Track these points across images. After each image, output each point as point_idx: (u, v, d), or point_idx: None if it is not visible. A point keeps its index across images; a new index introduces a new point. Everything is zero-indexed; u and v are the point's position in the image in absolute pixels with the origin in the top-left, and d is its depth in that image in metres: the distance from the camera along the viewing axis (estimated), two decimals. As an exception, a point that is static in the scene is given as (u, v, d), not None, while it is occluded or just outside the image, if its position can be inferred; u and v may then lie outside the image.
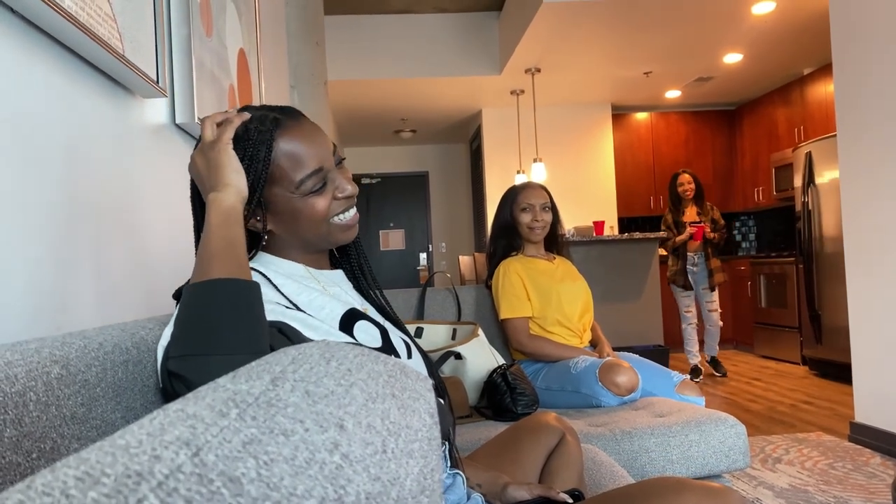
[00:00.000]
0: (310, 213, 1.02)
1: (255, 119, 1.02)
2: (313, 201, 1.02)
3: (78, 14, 1.03)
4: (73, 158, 1.08)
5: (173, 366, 0.77)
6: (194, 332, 0.77)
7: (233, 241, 0.87)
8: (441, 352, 2.31)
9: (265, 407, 0.37)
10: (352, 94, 6.50)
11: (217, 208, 0.90)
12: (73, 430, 0.64)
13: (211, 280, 0.81)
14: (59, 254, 1.01)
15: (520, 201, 2.55)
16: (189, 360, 0.76)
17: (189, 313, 0.79)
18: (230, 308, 0.79)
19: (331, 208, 1.04)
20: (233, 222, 0.89)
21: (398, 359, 0.55)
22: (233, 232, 0.88)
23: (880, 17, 2.95)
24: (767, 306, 6.01)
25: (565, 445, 1.27)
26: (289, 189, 1.01)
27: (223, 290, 0.80)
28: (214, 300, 0.79)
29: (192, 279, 0.84)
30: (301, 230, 1.04)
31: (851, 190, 3.21)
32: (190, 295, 0.81)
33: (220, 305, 0.79)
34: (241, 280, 0.82)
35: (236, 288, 0.81)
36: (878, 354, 3.09)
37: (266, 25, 2.66)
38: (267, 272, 1.03)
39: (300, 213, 1.02)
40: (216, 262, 0.83)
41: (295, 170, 1.00)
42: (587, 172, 7.26)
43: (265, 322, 0.83)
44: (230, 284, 0.81)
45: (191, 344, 0.77)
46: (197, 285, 0.81)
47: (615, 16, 4.78)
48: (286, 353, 0.49)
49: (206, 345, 0.76)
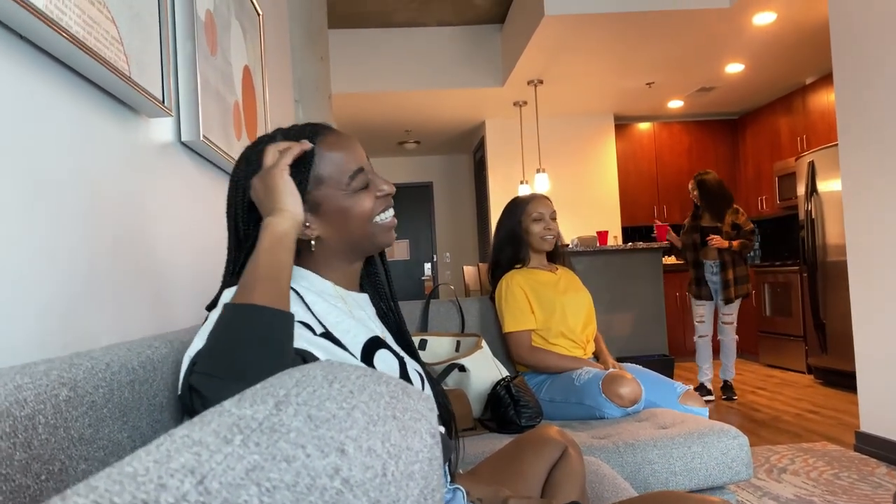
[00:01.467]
0: (358, 210, 1.07)
1: (294, 129, 1.09)
2: (361, 199, 1.07)
3: (85, 38, 1.05)
4: (80, 179, 1.09)
5: (196, 381, 0.79)
6: (222, 354, 0.79)
7: (280, 266, 0.90)
8: (445, 364, 2.32)
9: (268, 433, 0.38)
10: (356, 107, 6.53)
11: (270, 232, 0.92)
12: (80, 451, 0.65)
13: (250, 305, 0.82)
14: (67, 273, 1.02)
15: (530, 211, 2.55)
16: (211, 381, 0.78)
17: (222, 334, 0.81)
18: (261, 338, 0.81)
19: (374, 207, 1.08)
20: (282, 248, 0.91)
21: (401, 380, 0.56)
22: (281, 258, 0.90)
23: (880, 27, 2.96)
24: (772, 315, 6.00)
25: (567, 459, 1.28)
26: (338, 187, 1.06)
27: (259, 318, 0.82)
28: (248, 327, 0.81)
29: (235, 298, 0.85)
30: (350, 229, 1.08)
31: (854, 199, 3.22)
32: (227, 314, 0.83)
33: (252, 334, 0.80)
34: (278, 311, 0.83)
35: (271, 319, 0.82)
36: (883, 364, 3.08)
37: (270, 42, 2.69)
38: (299, 289, 1.04)
39: (349, 211, 1.06)
40: (259, 286, 0.85)
41: (341, 169, 1.05)
42: (590, 183, 7.28)
43: (291, 351, 0.85)
44: (267, 314, 0.82)
45: (217, 364, 0.79)
46: (237, 307, 0.83)
47: (617, 27, 4.80)
48: (291, 374, 0.50)
49: (230, 370, 0.78)
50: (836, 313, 4.91)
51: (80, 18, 1.04)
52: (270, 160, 1.00)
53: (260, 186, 0.99)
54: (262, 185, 0.98)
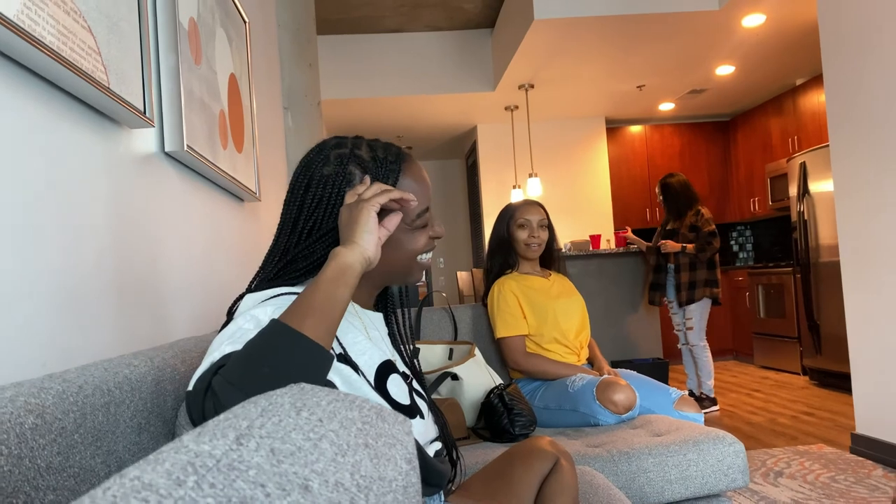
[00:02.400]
0: (411, 245, 1.09)
1: (379, 147, 1.09)
2: (418, 236, 1.09)
3: (60, 49, 1.03)
4: (59, 192, 1.07)
5: (218, 383, 0.76)
6: (253, 370, 0.77)
7: (337, 300, 0.87)
8: (438, 373, 2.30)
9: (225, 471, 0.36)
10: (347, 113, 6.52)
11: (336, 263, 0.90)
12: (48, 481, 0.63)
13: (297, 332, 0.80)
14: (47, 289, 1.00)
15: (517, 218, 2.55)
16: (235, 393, 0.75)
17: (261, 350, 0.79)
18: (298, 370, 0.78)
19: (423, 247, 1.11)
20: (343, 282, 0.89)
21: (376, 403, 0.54)
22: (340, 291, 0.88)
23: (869, 28, 2.96)
24: (766, 316, 6.00)
25: (559, 471, 1.25)
26: (404, 220, 1.06)
27: (303, 350, 0.79)
28: (287, 353, 0.79)
29: (286, 317, 0.83)
30: (395, 260, 1.09)
31: (846, 200, 3.21)
32: (272, 333, 0.80)
33: (291, 363, 0.78)
34: (321, 349, 0.81)
35: (315, 355, 0.80)
36: (878, 365, 3.07)
37: (257, 49, 2.66)
38: None
39: (402, 245, 1.08)
40: (311, 317, 0.83)
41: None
42: (583, 186, 7.27)
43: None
44: (312, 349, 0.80)
45: (246, 379, 0.76)
46: (285, 328, 0.80)
47: (607, 31, 4.80)
48: (257, 403, 0.48)
49: (255, 390, 0.75)
50: (830, 314, 4.90)
51: (54, 28, 1.02)
52: (369, 193, 0.99)
53: (346, 214, 0.98)
54: (349, 213, 0.97)
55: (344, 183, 1.04)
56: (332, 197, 1.04)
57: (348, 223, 0.96)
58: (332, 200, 1.04)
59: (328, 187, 1.04)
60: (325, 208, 1.04)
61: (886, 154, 2.92)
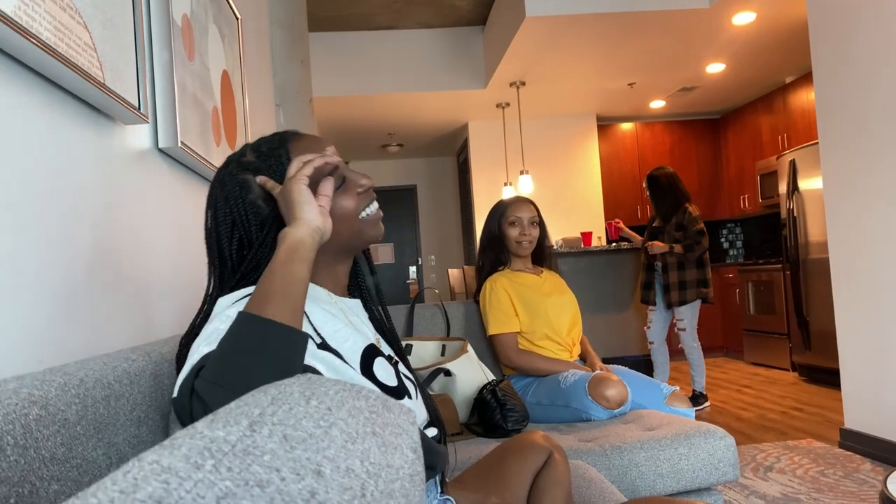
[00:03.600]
0: (342, 211, 1.05)
1: (262, 143, 1.08)
2: (342, 200, 1.06)
3: (57, 45, 1.03)
4: (53, 187, 1.07)
5: (201, 386, 0.76)
6: (231, 367, 0.77)
7: (295, 279, 0.87)
8: (430, 369, 2.31)
9: (241, 456, 0.37)
10: (338, 110, 6.51)
11: (285, 244, 0.90)
12: (52, 471, 0.63)
13: (264, 319, 0.80)
14: (41, 285, 1.00)
15: (508, 215, 2.56)
16: (217, 390, 0.75)
17: (233, 344, 0.79)
18: (273, 356, 0.78)
19: (358, 204, 1.07)
20: (298, 258, 0.89)
21: (381, 393, 0.55)
22: (296, 269, 0.87)
23: (858, 26, 2.98)
24: (756, 313, 6.04)
25: (552, 464, 1.27)
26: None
27: (273, 334, 0.79)
28: (261, 343, 0.79)
29: (248, 307, 0.83)
30: (337, 231, 1.05)
31: (835, 197, 3.24)
32: (240, 325, 0.80)
33: (264, 350, 0.78)
34: (292, 330, 0.81)
35: (285, 337, 0.80)
36: (866, 361, 3.10)
37: (250, 46, 2.66)
38: None
39: (333, 213, 1.04)
40: (272, 301, 0.82)
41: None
42: (574, 183, 7.30)
43: (300, 372, 0.83)
44: (280, 331, 0.80)
45: (225, 376, 0.76)
46: (251, 318, 0.80)
47: (598, 28, 4.82)
48: (267, 391, 0.48)
49: (238, 384, 0.76)
50: (820, 310, 4.95)
51: (50, 24, 1.02)
52: (292, 171, 0.99)
53: (281, 199, 0.98)
54: (282, 198, 0.97)
55: (244, 192, 1.03)
56: (240, 208, 1.02)
57: (285, 206, 0.96)
58: (242, 211, 1.02)
59: (231, 203, 1.03)
60: (240, 222, 1.03)
61: (875, 151, 2.94)
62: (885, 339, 2.98)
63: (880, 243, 2.96)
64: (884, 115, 2.88)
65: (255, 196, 1.03)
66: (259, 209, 1.03)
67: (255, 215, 1.02)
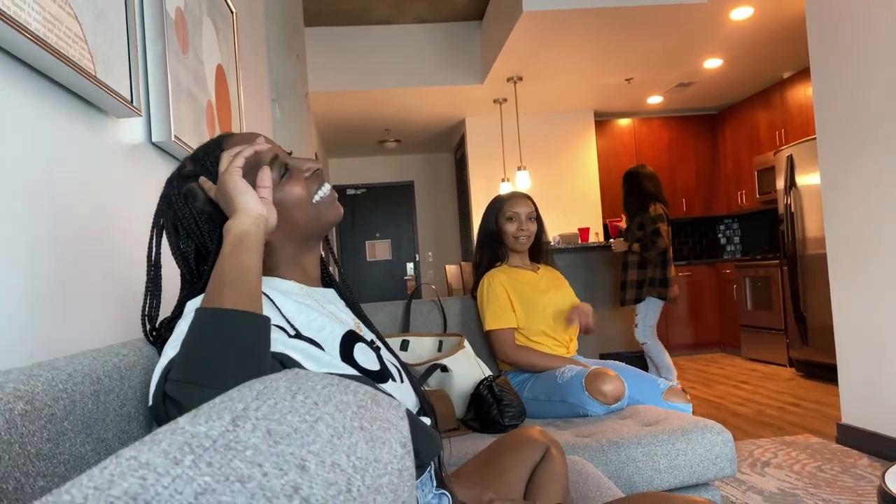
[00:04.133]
0: (293, 199, 1.05)
1: (198, 150, 1.07)
2: (289, 188, 1.05)
3: (46, 36, 1.02)
4: (46, 181, 1.06)
5: (171, 389, 0.76)
6: (198, 361, 0.77)
7: (246, 269, 0.86)
8: (427, 364, 2.30)
9: (222, 451, 0.36)
10: (335, 105, 6.49)
11: (230, 236, 0.89)
12: (38, 467, 0.62)
13: (221, 309, 0.79)
14: (33, 277, 0.99)
15: (505, 210, 2.55)
16: (187, 388, 0.75)
17: (196, 340, 0.78)
18: (236, 342, 0.78)
19: (308, 189, 1.06)
20: (245, 248, 0.88)
21: (370, 387, 0.54)
22: (245, 259, 0.87)
23: (856, 22, 2.97)
24: (753, 309, 6.04)
25: (550, 459, 1.26)
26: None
27: (231, 322, 0.79)
28: (222, 332, 0.78)
29: (204, 303, 0.82)
30: (293, 220, 1.05)
31: (832, 192, 3.23)
32: (199, 321, 0.80)
33: (226, 338, 0.78)
34: (251, 314, 0.81)
35: (245, 322, 0.80)
36: (863, 356, 3.10)
37: (245, 40, 2.65)
38: (268, 292, 1.02)
39: (284, 203, 1.04)
40: (227, 290, 0.82)
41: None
42: (571, 179, 7.29)
43: (269, 357, 0.82)
44: (239, 317, 0.79)
45: (193, 372, 0.76)
46: (206, 312, 0.80)
47: (595, 24, 4.80)
48: (252, 386, 0.47)
49: (208, 376, 0.75)
50: (817, 306, 4.94)
51: (39, 15, 1.01)
52: (223, 166, 0.98)
53: (219, 197, 0.97)
54: (220, 194, 0.96)
55: (190, 202, 1.02)
56: (189, 219, 1.02)
57: (224, 201, 0.95)
58: (192, 221, 1.02)
59: (180, 216, 1.02)
60: (194, 232, 1.02)
61: (873, 147, 2.94)
62: (882, 334, 2.98)
63: (877, 239, 2.96)
64: (881, 111, 2.87)
65: (201, 203, 1.02)
66: (209, 214, 1.02)
67: (205, 221, 1.02)
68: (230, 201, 0.94)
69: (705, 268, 6.76)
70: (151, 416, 0.80)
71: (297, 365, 0.90)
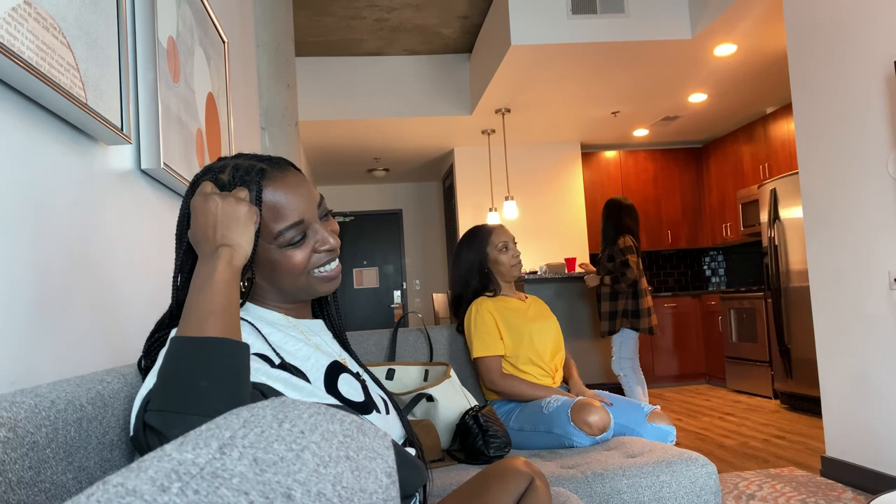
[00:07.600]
0: (287, 265, 1.02)
1: (241, 168, 1.02)
2: (291, 254, 1.02)
3: (39, 65, 1.03)
4: (34, 207, 1.06)
5: (152, 419, 0.75)
6: (178, 389, 0.76)
7: (233, 300, 0.86)
8: (413, 394, 2.29)
9: (209, 479, 0.36)
10: (325, 134, 6.53)
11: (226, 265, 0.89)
12: (19, 495, 0.62)
13: (203, 338, 0.79)
14: (18, 305, 0.99)
15: (495, 241, 2.55)
16: (168, 416, 0.74)
17: (175, 368, 0.78)
18: (215, 369, 0.77)
19: (311, 261, 1.04)
20: (237, 283, 0.89)
21: (357, 416, 0.54)
22: (234, 292, 0.87)
23: (836, 58, 3.04)
24: (738, 340, 6.06)
25: (534, 491, 1.25)
26: (267, 240, 1.01)
27: (212, 349, 0.78)
28: (201, 358, 0.78)
29: (182, 331, 0.81)
30: (279, 281, 1.04)
31: (815, 226, 3.28)
32: (178, 349, 0.79)
33: (205, 365, 0.77)
34: (231, 341, 0.80)
35: (227, 349, 0.79)
36: (847, 390, 3.12)
37: (236, 69, 2.67)
38: (253, 321, 1.02)
39: (277, 265, 1.02)
40: (213, 319, 0.81)
41: (274, 221, 1.00)
42: (558, 210, 7.34)
43: (249, 387, 0.82)
44: (222, 345, 0.79)
45: (172, 400, 0.75)
46: (187, 340, 0.79)
47: (582, 58, 4.88)
48: (239, 414, 0.48)
49: (188, 403, 0.75)
50: (801, 338, 4.97)
51: (33, 44, 1.02)
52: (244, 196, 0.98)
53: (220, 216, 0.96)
54: (221, 213, 0.95)
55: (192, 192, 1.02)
56: (185, 208, 1.02)
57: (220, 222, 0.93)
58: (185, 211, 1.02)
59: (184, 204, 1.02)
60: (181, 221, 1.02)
61: (854, 181, 2.99)
62: (865, 367, 3.00)
63: (860, 272, 2.99)
64: (862, 146, 2.92)
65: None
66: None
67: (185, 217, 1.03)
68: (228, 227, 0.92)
69: (690, 299, 6.79)
70: (133, 445, 0.80)
71: (279, 395, 0.90)
